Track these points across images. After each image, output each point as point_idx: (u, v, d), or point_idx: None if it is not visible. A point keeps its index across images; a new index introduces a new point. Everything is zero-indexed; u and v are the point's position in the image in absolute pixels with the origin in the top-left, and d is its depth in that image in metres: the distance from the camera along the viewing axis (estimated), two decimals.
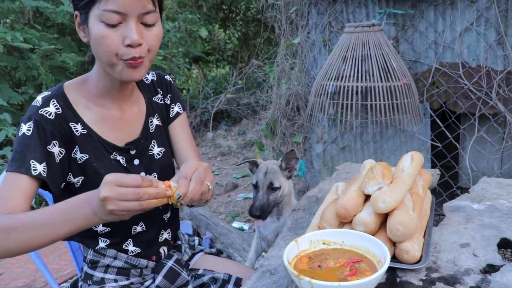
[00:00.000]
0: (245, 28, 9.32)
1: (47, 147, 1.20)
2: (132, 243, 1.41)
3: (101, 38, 1.13)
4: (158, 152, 1.43)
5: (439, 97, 2.97)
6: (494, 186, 1.64)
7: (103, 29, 1.12)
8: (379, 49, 2.57)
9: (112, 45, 1.14)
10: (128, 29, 1.13)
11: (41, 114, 1.20)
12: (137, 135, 1.38)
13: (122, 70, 1.18)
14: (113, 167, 1.31)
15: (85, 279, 1.42)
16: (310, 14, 3.31)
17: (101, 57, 1.18)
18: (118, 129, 1.34)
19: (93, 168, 1.28)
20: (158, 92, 1.50)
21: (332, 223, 1.25)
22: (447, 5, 2.81)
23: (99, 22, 1.12)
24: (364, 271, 1.03)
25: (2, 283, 3.07)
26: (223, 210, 4.26)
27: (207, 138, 6.92)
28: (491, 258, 1.15)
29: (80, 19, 1.18)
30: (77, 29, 1.21)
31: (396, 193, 1.16)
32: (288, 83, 3.65)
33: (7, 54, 4.44)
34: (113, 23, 1.12)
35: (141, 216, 1.37)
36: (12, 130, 3.75)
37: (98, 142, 1.29)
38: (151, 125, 1.43)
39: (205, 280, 1.47)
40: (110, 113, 1.33)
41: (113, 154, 1.32)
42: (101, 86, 1.30)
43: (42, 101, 1.23)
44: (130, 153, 1.36)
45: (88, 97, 1.30)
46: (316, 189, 1.80)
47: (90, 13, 1.14)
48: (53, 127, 1.21)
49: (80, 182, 1.29)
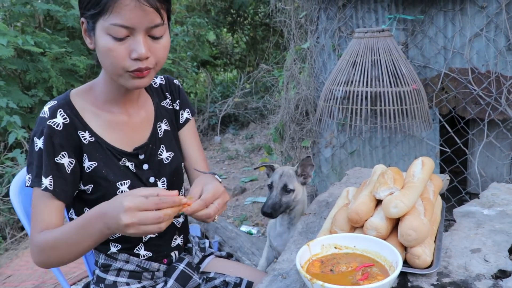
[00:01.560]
0: (253, 32, 9.34)
1: (54, 159, 1.21)
2: (143, 247, 1.41)
3: (108, 51, 1.13)
4: (167, 156, 1.43)
5: (448, 103, 2.97)
6: (504, 192, 1.64)
7: (110, 42, 1.12)
8: (388, 55, 2.57)
9: (119, 58, 1.14)
10: (136, 43, 1.13)
11: (49, 126, 1.21)
12: (145, 140, 1.38)
13: (127, 80, 1.19)
14: (123, 174, 1.31)
15: (97, 283, 1.42)
16: (319, 19, 3.32)
17: (106, 67, 1.19)
18: (126, 134, 1.35)
19: (102, 175, 1.28)
20: (166, 96, 1.50)
21: (344, 227, 1.26)
22: (457, 11, 2.81)
23: (106, 34, 1.12)
24: (376, 275, 1.03)
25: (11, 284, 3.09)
26: (231, 214, 4.27)
27: (215, 142, 6.93)
28: (503, 264, 1.15)
29: (87, 27, 1.18)
30: (84, 35, 1.21)
31: (407, 198, 1.17)
32: (297, 88, 3.65)
33: (17, 57, 4.47)
34: (120, 37, 1.12)
35: None
36: (21, 133, 3.78)
37: (106, 149, 1.30)
38: (160, 129, 1.44)
39: (217, 284, 1.48)
40: (117, 118, 1.33)
41: (122, 160, 1.32)
42: (108, 92, 1.31)
43: (50, 112, 1.23)
44: (139, 158, 1.36)
45: (95, 103, 1.31)
46: (326, 194, 1.81)
47: (97, 24, 1.13)
48: (61, 138, 1.22)
49: (90, 190, 1.30)
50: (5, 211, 3.87)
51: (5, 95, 3.96)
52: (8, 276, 3.23)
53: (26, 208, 1.49)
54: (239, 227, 3.75)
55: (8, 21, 4.67)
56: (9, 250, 3.79)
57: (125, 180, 1.31)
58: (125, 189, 1.30)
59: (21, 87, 4.62)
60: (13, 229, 4.01)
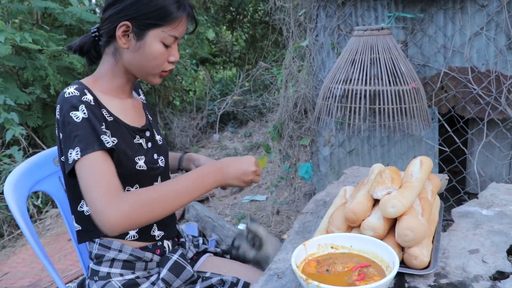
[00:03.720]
0: (253, 30, 9.32)
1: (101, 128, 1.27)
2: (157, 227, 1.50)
3: (159, 55, 1.35)
4: (159, 139, 1.57)
5: (448, 102, 2.96)
6: (503, 192, 1.63)
7: (162, 49, 1.35)
8: (388, 53, 2.56)
9: (162, 61, 1.38)
10: (175, 50, 1.40)
11: (85, 101, 1.28)
12: (144, 122, 1.53)
13: (155, 78, 1.41)
14: (138, 149, 1.43)
15: (91, 276, 1.43)
16: (318, 17, 3.31)
17: (146, 68, 1.38)
18: (133, 116, 1.49)
19: (123, 150, 1.36)
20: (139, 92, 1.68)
21: (341, 227, 1.25)
22: (457, 10, 2.79)
23: (158, 42, 1.34)
24: (372, 276, 1.02)
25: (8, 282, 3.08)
26: (229, 212, 4.26)
27: (214, 140, 6.92)
28: (501, 265, 1.14)
29: (133, 30, 1.32)
30: (119, 36, 1.33)
31: (405, 198, 1.16)
32: (296, 86, 3.64)
33: (15, 54, 4.46)
34: (170, 44, 1.36)
35: None
36: (19, 130, 3.77)
37: (123, 127, 1.41)
38: (148, 116, 1.58)
39: (214, 282, 1.47)
40: (125, 102, 1.47)
41: (136, 138, 1.44)
42: (116, 83, 1.43)
43: (78, 91, 1.29)
44: (146, 135, 1.50)
45: (103, 91, 1.41)
46: (323, 193, 1.80)
47: (150, 31, 1.32)
48: (96, 112, 1.30)
49: None
50: (3, 208, 3.86)
51: (2, 92, 3.95)
52: (5, 273, 3.22)
53: (20, 206, 1.48)
54: (236, 226, 3.74)
55: (5, 18, 4.65)
56: (6, 247, 3.79)
57: (141, 156, 1.42)
58: (142, 163, 1.41)
59: (18, 85, 4.60)
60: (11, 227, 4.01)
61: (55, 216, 4.17)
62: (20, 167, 1.58)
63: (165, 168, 1.54)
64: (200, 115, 7.24)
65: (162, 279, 1.43)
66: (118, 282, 1.39)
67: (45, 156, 1.68)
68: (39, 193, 4.24)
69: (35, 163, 1.63)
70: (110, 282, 1.39)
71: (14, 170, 1.55)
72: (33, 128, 4.77)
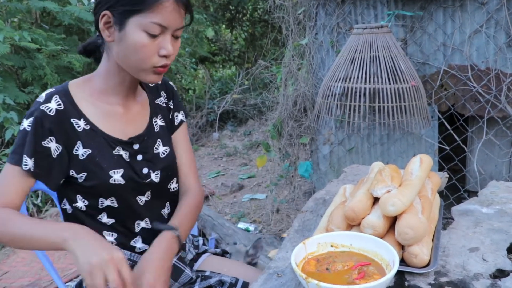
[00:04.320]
0: (252, 29, 9.31)
1: (42, 143, 1.24)
2: (141, 240, 1.43)
3: (141, 47, 1.21)
4: (163, 151, 1.46)
5: (447, 100, 2.95)
6: (503, 190, 1.63)
7: (145, 39, 1.20)
8: (387, 51, 2.55)
9: (149, 54, 1.22)
10: (165, 41, 1.23)
11: (42, 110, 1.24)
12: (141, 131, 1.41)
13: (147, 75, 1.27)
14: (116, 162, 1.33)
15: None
16: (318, 15, 3.30)
17: (132, 62, 1.25)
18: (121, 125, 1.37)
19: (96, 162, 1.30)
20: (161, 95, 1.53)
21: (340, 225, 1.25)
22: (457, 7, 2.79)
23: (141, 31, 1.19)
24: (372, 274, 1.02)
25: (7, 281, 3.08)
26: (228, 210, 4.26)
27: (213, 138, 6.92)
28: (501, 263, 1.14)
29: (113, 20, 1.22)
30: (101, 28, 1.24)
31: (405, 196, 1.15)
32: (295, 84, 3.64)
33: (14, 53, 4.45)
34: (155, 34, 1.20)
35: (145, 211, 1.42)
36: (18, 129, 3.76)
37: (101, 137, 1.32)
38: (156, 124, 1.47)
39: (212, 283, 1.46)
40: (114, 109, 1.36)
41: (116, 149, 1.34)
42: (110, 83, 1.34)
43: (45, 97, 1.27)
44: (133, 148, 1.38)
45: (92, 94, 1.34)
46: (323, 191, 1.79)
47: (129, 19, 1.19)
48: (51, 123, 1.24)
49: (84, 177, 1.31)
50: None
51: (1, 92, 3.95)
52: (5, 272, 3.22)
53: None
54: (236, 224, 3.74)
55: (4, 17, 4.64)
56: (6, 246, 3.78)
57: (118, 169, 1.33)
58: (117, 177, 1.32)
59: (18, 84, 4.60)
60: None
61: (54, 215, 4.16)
62: None
63: (160, 183, 1.43)
64: (199, 114, 7.24)
65: None
66: None
67: None
68: (39, 192, 4.24)
69: None
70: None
71: None
72: None
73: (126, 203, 1.37)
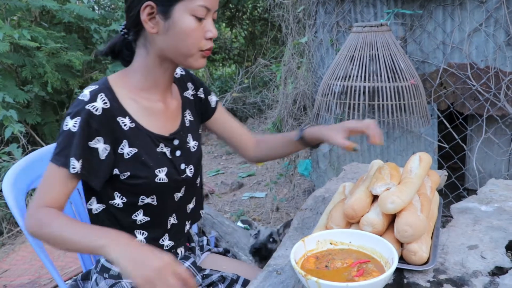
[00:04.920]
0: (252, 27, 9.31)
1: (88, 143, 1.20)
2: (168, 237, 1.42)
3: (191, 31, 1.22)
4: (193, 145, 1.46)
5: (447, 98, 2.96)
6: (502, 188, 1.63)
7: (193, 23, 1.21)
8: (387, 49, 2.55)
9: (198, 37, 1.24)
10: (210, 24, 1.25)
11: (88, 110, 1.20)
12: (177, 127, 1.41)
13: (196, 60, 1.28)
14: (160, 160, 1.32)
15: (101, 272, 1.41)
16: (317, 13, 3.30)
17: (181, 48, 1.25)
18: (162, 121, 1.36)
19: (142, 161, 1.29)
20: (188, 87, 1.52)
21: (340, 223, 1.25)
22: (456, 6, 2.79)
23: (189, 15, 1.21)
24: (371, 271, 1.02)
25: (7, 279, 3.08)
26: (228, 209, 4.26)
27: (213, 136, 6.92)
28: (500, 261, 1.14)
29: (157, 10, 1.21)
30: (144, 20, 1.22)
31: (404, 194, 1.16)
32: (295, 83, 3.64)
33: (13, 52, 4.45)
34: (202, 17, 1.22)
35: (177, 207, 1.42)
36: (18, 127, 3.77)
37: (145, 134, 1.31)
38: (186, 119, 1.46)
39: (214, 279, 1.47)
40: (154, 105, 1.35)
41: (160, 147, 1.33)
42: (150, 78, 1.33)
43: (90, 95, 1.22)
44: (173, 144, 1.38)
45: (132, 90, 1.31)
46: (323, 189, 1.80)
47: (175, 6, 1.20)
48: (98, 123, 1.21)
49: (126, 176, 1.29)
50: (2, 205, 3.86)
51: (1, 90, 3.95)
52: (5, 270, 3.22)
53: (19, 203, 1.47)
54: (236, 222, 3.74)
55: (4, 15, 4.64)
56: (6, 244, 3.79)
57: (163, 168, 1.32)
58: (162, 176, 1.31)
59: (17, 82, 4.60)
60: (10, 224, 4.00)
61: None
62: (19, 164, 1.57)
63: (193, 178, 1.44)
64: None
65: None
66: (128, 284, 1.37)
67: (44, 153, 1.67)
68: None
69: (34, 160, 1.62)
70: (120, 283, 1.38)
71: (12, 167, 1.54)
72: (32, 126, 4.77)
73: (165, 200, 1.36)
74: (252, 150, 1.65)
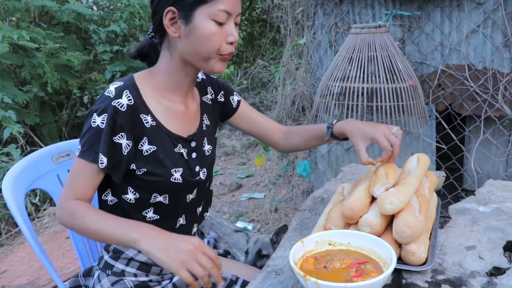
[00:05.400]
0: (250, 28, 9.30)
1: (113, 139, 1.24)
2: None
3: (211, 35, 1.23)
4: (208, 149, 1.48)
5: (445, 99, 2.96)
6: (500, 189, 1.64)
7: (214, 27, 1.23)
8: (385, 51, 2.56)
9: (219, 42, 1.25)
10: (231, 28, 1.27)
11: (114, 106, 1.23)
12: (195, 130, 1.44)
13: (215, 64, 1.29)
14: (177, 160, 1.35)
15: (104, 268, 1.42)
16: (316, 14, 3.31)
17: (201, 52, 1.26)
18: (182, 122, 1.39)
19: (159, 160, 1.31)
20: (208, 91, 1.55)
21: (338, 224, 1.25)
22: (454, 7, 2.80)
23: (209, 20, 1.22)
24: (370, 272, 1.03)
25: (6, 280, 3.08)
26: (227, 210, 4.26)
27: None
28: (497, 261, 1.15)
29: (178, 15, 1.24)
30: (166, 24, 1.26)
31: (402, 195, 1.16)
32: (294, 84, 3.64)
33: (12, 52, 4.44)
34: (223, 22, 1.24)
35: (187, 209, 1.44)
36: (17, 128, 3.77)
37: (165, 134, 1.33)
38: (203, 123, 1.49)
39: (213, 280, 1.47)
40: (175, 107, 1.38)
41: (178, 147, 1.36)
42: (172, 80, 1.35)
43: (116, 92, 1.25)
44: (191, 146, 1.41)
45: (155, 89, 1.34)
46: (321, 190, 1.80)
47: (196, 11, 1.22)
48: (123, 119, 1.24)
49: (142, 172, 1.31)
50: (1, 206, 3.86)
51: (0, 91, 3.94)
52: (3, 271, 3.22)
53: (18, 204, 1.48)
54: (234, 223, 3.74)
55: (3, 16, 4.64)
56: (4, 245, 3.78)
57: (179, 168, 1.35)
58: (177, 176, 1.34)
59: (16, 83, 4.60)
60: (8, 225, 4.00)
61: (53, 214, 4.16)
62: (18, 165, 1.57)
63: (205, 181, 1.47)
64: None
65: (173, 283, 1.43)
66: (130, 282, 1.39)
67: (43, 154, 1.67)
68: (37, 191, 4.24)
69: (33, 160, 1.62)
70: (123, 280, 1.39)
71: (12, 168, 1.55)
72: (30, 126, 4.76)
73: (177, 200, 1.39)
74: (281, 141, 1.68)
